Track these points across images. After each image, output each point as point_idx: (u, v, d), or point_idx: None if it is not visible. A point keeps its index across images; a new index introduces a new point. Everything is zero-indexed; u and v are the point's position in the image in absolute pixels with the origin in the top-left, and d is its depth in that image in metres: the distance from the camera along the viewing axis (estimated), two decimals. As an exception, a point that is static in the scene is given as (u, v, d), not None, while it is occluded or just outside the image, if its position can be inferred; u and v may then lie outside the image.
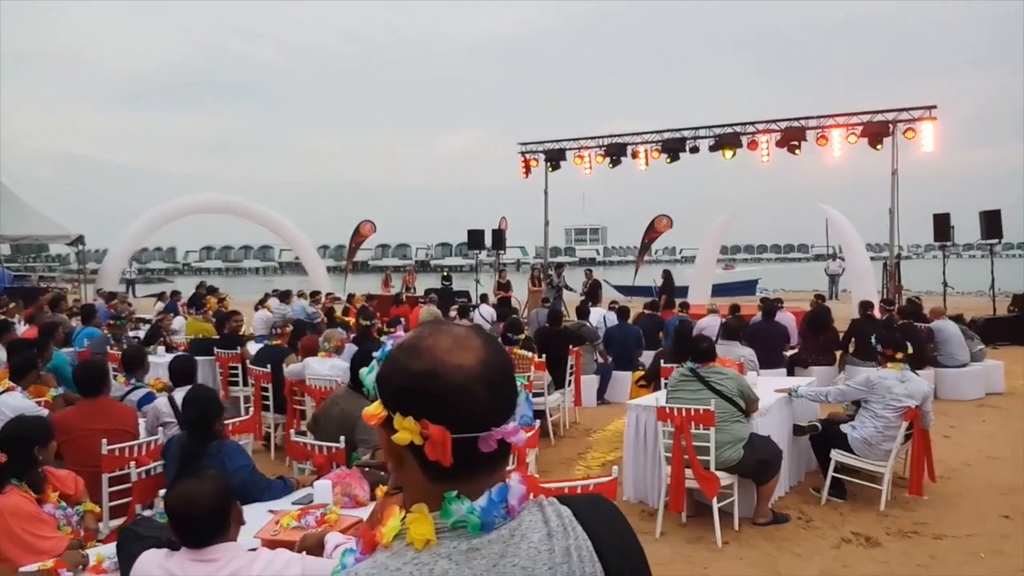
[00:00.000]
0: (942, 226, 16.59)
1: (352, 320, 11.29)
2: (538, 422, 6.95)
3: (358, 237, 25.80)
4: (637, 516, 5.51)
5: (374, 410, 1.12)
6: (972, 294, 22.72)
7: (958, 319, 10.68)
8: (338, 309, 14.63)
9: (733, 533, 5.13)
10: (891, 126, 17.09)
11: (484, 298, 16.64)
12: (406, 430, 1.07)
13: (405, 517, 1.09)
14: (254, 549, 2.76)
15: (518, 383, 1.17)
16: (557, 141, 20.27)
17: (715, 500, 5.01)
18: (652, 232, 24.39)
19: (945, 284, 16.98)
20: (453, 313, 12.79)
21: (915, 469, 5.72)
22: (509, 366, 1.15)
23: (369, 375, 1.16)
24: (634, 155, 19.23)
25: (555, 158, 19.96)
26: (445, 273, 25.21)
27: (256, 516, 3.36)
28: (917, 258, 58.78)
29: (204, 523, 2.50)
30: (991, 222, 15.80)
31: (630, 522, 1.28)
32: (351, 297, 16.98)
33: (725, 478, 5.14)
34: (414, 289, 21.99)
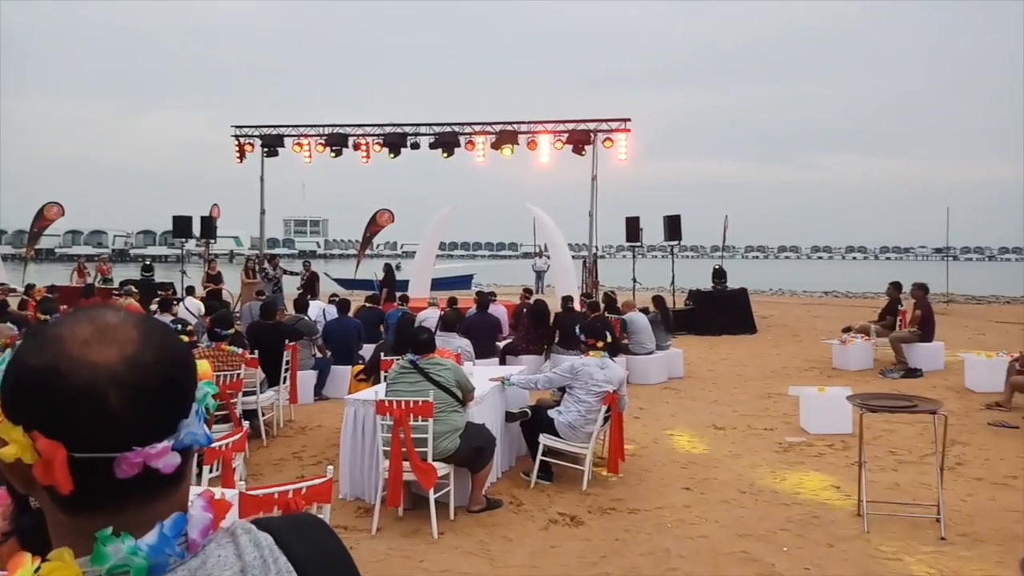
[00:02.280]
0: (633, 228, 18.34)
1: (31, 314, 9.94)
2: (247, 423, 6.56)
3: (42, 221, 22.84)
4: (353, 514, 5.38)
5: None
6: (654, 289, 25.46)
7: (645, 311, 11.84)
8: (13, 302, 12.86)
9: (449, 523, 5.19)
10: (592, 135, 18.55)
11: (191, 290, 15.43)
12: (14, 443, 0.82)
13: (39, 568, 0.82)
14: None
15: (203, 391, 0.93)
16: (275, 127, 19.42)
17: (432, 491, 5.04)
18: (374, 226, 24.31)
19: (635, 280, 18.80)
20: (154, 307, 11.73)
21: (612, 450, 6.21)
22: (176, 368, 0.89)
23: None
24: (356, 147, 19.00)
25: (272, 144, 19.11)
26: (147, 263, 23.05)
27: None
28: (611, 257, 64.87)
29: None
30: (673, 225, 17.77)
31: (347, 523, 1.13)
32: (30, 288, 14.99)
33: (442, 468, 5.19)
34: (111, 280, 19.89)
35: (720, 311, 16.58)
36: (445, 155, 18.79)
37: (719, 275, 17.62)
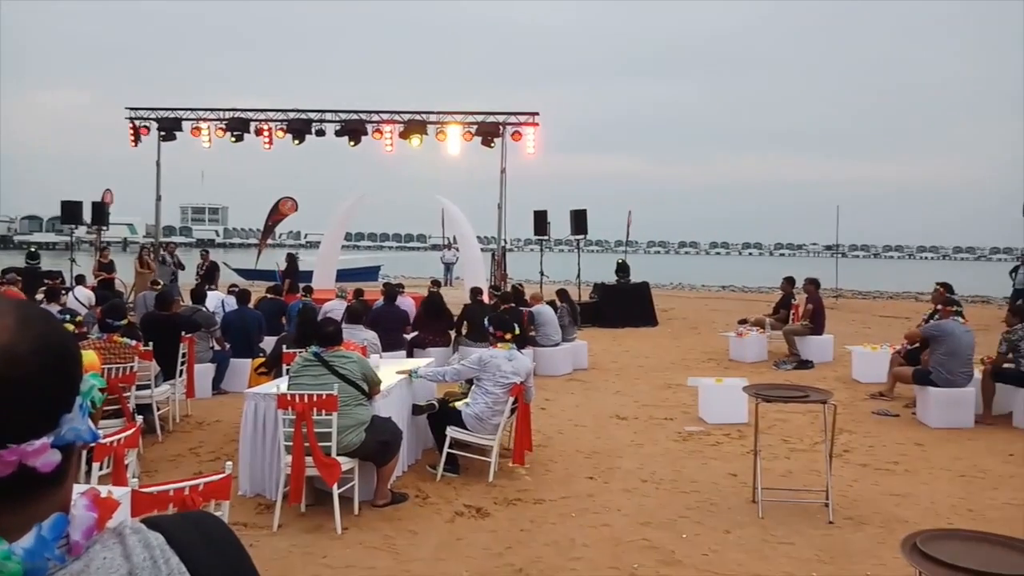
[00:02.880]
0: (541, 222, 18.51)
1: None
2: (141, 418, 6.29)
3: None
4: (253, 511, 5.23)
5: None
6: (561, 282, 25.78)
7: (553, 304, 11.97)
8: None
9: (353, 518, 5.12)
10: (501, 128, 18.58)
11: (80, 279, 14.66)
12: None
13: None
14: None
15: (89, 384, 0.86)
16: (172, 109, 18.65)
17: (336, 486, 4.95)
18: (276, 214, 23.70)
19: (542, 274, 18.99)
20: (40, 296, 11.10)
21: (519, 441, 6.25)
22: (57, 359, 0.82)
23: None
24: (258, 132, 18.48)
25: (169, 128, 18.36)
26: (32, 250, 21.76)
27: None
28: (519, 250, 65.30)
29: None
30: (579, 220, 18.02)
31: (246, 520, 1.08)
32: None
33: (346, 463, 5.11)
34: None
35: (623, 304, 16.93)
36: (352, 143, 18.50)
37: (622, 269, 18.00)
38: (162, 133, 18.45)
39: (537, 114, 18.38)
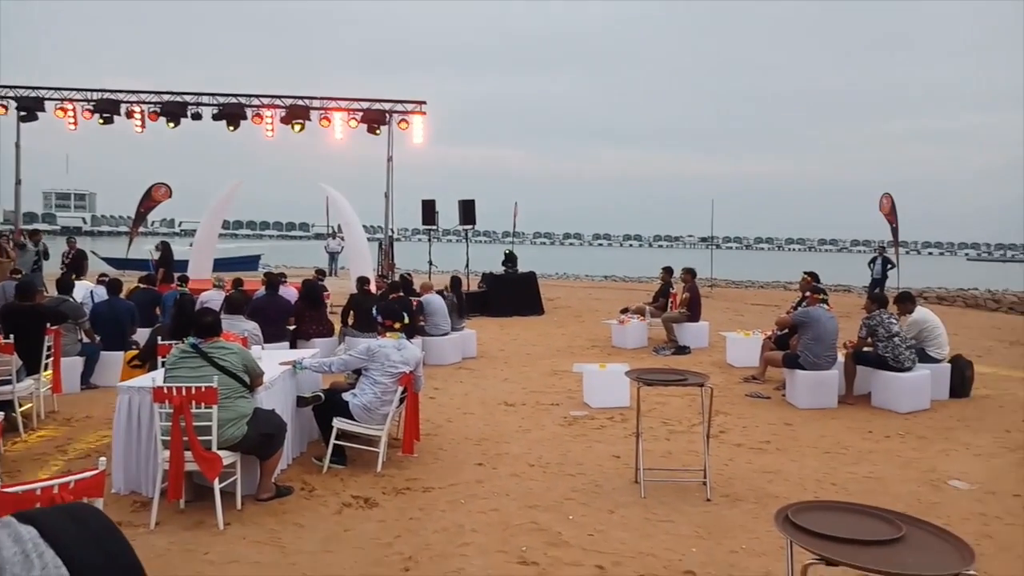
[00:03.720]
0: (429, 211, 18.41)
1: None
2: (1, 415, 5.87)
3: None
4: (128, 509, 4.99)
5: None
6: (450, 272, 25.77)
7: (442, 293, 11.95)
8: None
9: (236, 513, 4.96)
10: (387, 115, 18.35)
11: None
12: None
13: None
14: None
15: None
16: (34, 88, 17.44)
17: (217, 481, 4.79)
18: (149, 201, 22.57)
19: (431, 263, 18.92)
20: None
21: (408, 430, 6.22)
22: None
23: None
24: (129, 115, 17.55)
25: (31, 107, 17.18)
26: None
27: None
28: (407, 240, 64.75)
29: None
30: (467, 210, 18.03)
31: (121, 518, 1.02)
32: None
33: (228, 457, 4.95)
34: None
35: (511, 294, 17.10)
36: (231, 128, 17.86)
37: (510, 259, 18.15)
38: (22, 113, 17.24)
39: (424, 103, 18.25)
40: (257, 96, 18.19)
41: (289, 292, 11.24)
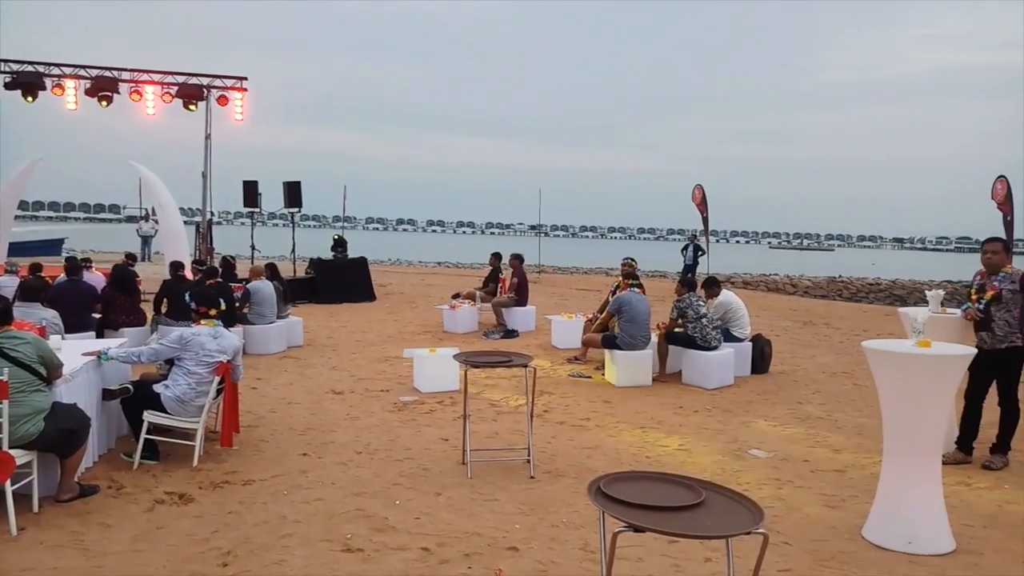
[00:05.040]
0: (251, 193, 17.67)
1: None
2: None
3: None
4: (-100, 520, 4.46)
5: None
6: (274, 257, 24.90)
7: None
8: None
9: (32, 516, 4.57)
10: (205, 91, 17.41)
11: None
12: None
13: None
14: None
15: None
16: None
17: (9, 483, 4.38)
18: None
19: (253, 248, 18.18)
20: None
21: (226, 422, 5.97)
22: None
23: None
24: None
25: None
26: None
27: None
28: (228, 223, 61.75)
29: None
30: (292, 192, 17.47)
31: None
32: None
33: (22, 456, 4.53)
34: None
35: (340, 280, 16.76)
36: (28, 99, 16.25)
37: (339, 244, 17.78)
38: None
39: (245, 79, 17.47)
40: (58, 65, 16.68)
41: (96, 278, 10.46)
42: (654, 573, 4.03)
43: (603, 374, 9.21)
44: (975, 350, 4.57)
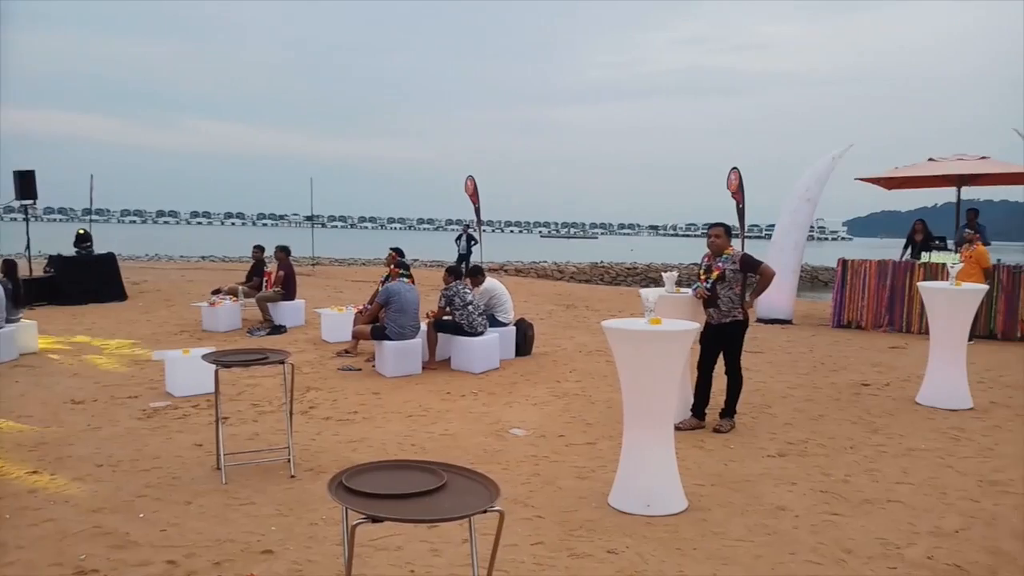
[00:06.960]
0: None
1: None
2: None
3: None
4: None
5: None
6: (10, 255, 22.21)
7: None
8: None
9: None
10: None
11: None
12: None
13: None
14: None
15: None
16: None
17: None
18: None
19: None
20: None
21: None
22: None
23: None
24: None
25: None
26: None
27: None
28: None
29: None
30: (25, 183, 15.65)
31: None
32: None
33: None
34: None
35: (86, 278, 15.28)
36: None
37: (83, 239, 16.18)
38: None
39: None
40: None
41: None
42: (413, 559, 4.07)
43: (373, 365, 9.15)
44: (699, 325, 5.05)
